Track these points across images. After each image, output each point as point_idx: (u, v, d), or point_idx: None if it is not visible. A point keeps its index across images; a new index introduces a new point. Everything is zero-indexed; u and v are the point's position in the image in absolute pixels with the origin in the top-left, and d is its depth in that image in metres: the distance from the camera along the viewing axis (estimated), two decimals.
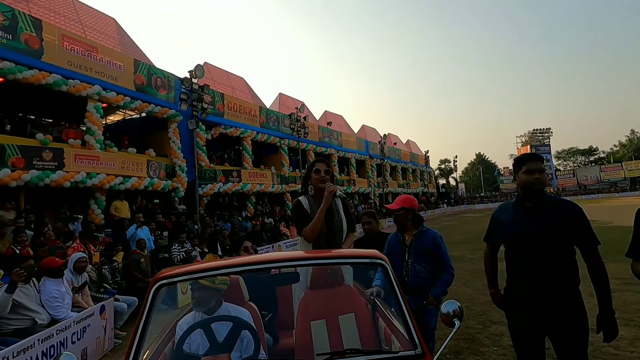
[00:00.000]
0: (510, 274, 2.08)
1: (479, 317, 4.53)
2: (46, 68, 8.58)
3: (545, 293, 1.91)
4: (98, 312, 4.52)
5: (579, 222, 1.90)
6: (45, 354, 3.51)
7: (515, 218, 2.05)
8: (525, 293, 1.98)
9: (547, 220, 1.92)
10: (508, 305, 2.14)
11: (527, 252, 1.96)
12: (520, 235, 2.00)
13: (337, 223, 2.46)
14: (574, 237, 1.90)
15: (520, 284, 2.02)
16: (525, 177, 1.97)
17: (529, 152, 2.30)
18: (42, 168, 8.25)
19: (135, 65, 11.03)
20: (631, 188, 45.66)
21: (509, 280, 2.10)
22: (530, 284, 1.96)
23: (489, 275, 2.29)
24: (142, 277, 6.41)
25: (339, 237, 2.46)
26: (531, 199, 2.00)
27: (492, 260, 2.27)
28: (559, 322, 1.88)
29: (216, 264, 1.89)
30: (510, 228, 2.07)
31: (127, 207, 9.86)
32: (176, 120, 12.27)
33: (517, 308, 2.06)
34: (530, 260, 1.95)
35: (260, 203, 16.10)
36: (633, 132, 63.36)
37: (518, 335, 2.06)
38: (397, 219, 2.68)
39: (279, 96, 21.90)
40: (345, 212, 2.53)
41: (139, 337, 1.43)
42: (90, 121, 9.61)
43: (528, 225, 1.97)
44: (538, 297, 1.93)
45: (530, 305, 1.95)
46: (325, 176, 2.46)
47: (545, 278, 1.91)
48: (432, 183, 43.01)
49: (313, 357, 1.46)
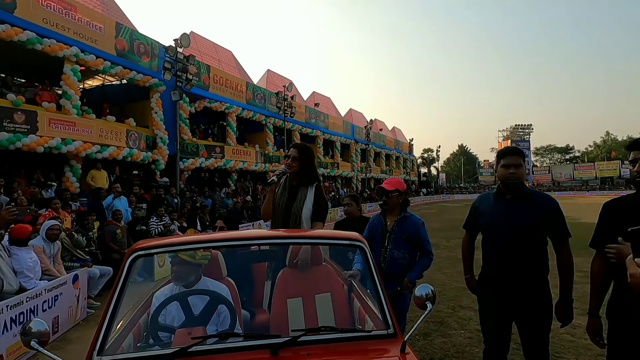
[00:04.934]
0: (486, 261, 2.16)
1: (450, 301, 4.72)
2: (19, 24, 8.05)
3: (517, 280, 2.01)
4: (71, 281, 4.45)
5: (555, 216, 1.99)
6: (15, 320, 3.44)
7: (495, 208, 2.12)
8: (497, 280, 2.08)
9: (525, 212, 2.00)
10: (481, 291, 2.24)
11: (504, 241, 2.04)
12: (498, 225, 2.08)
13: (295, 209, 2.50)
14: (548, 229, 2.00)
15: (494, 270, 2.11)
16: (502, 171, 2.06)
17: (509, 146, 2.34)
18: (13, 130, 7.86)
19: (117, 28, 10.49)
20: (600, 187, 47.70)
21: (484, 267, 2.19)
22: (504, 271, 2.05)
23: (466, 262, 2.38)
24: (118, 248, 6.31)
25: (296, 223, 2.48)
26: (508, 191, 2.07)
27: (470, 247, 2.36)
28: (527, 308, 1.99)
29: (194, 238, 1.88)
30: (489, 218, 2.14)
31: (104, 177, 9.57)
32: (159, 90, 11.85)
33: (488, 293, 2.16)
34: (506, 249, 2.03)
35: (242, 180, 15.97)
36: (608, 134, 65.81)
37: (487, 319, 2.16)
38: (390, 200, 2.60)
39: (267, 73, 21.42)
40: (315, 201, 2.54)
41: (113, 307, 1.41)
42: (67, 84, 9.17)
43: (506, 215, 2.04)
44: (510, 284, 2.02)
45: (502, 291, 2.05)
46: (291, 163, 2.54)
47: (518, 266, 2.00)
48: (414, 171, 43.66)
49: (288, 333, 1.48)
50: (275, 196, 2.62)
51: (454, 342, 3.50)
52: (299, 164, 2.55)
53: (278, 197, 2.61)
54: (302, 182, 2.58)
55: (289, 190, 2.59)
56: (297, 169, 2.55)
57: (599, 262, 1.79)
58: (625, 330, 1.62)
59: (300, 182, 2.59)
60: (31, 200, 6.83)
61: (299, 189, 2.57)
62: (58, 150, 8.71)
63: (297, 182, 2.59)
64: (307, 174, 2.59)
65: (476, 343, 3.42)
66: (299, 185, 2.58)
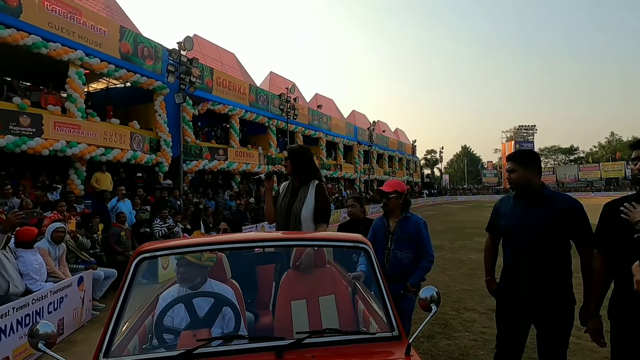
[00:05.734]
0: (507, 263, 2.12)
1: (454, 303, 4.70)
2: (25, 28, 8.14)
3: (535, 283, 1.96)
4: (76, 283, 4.47)
5: (577, 217, 1.93)
6: (20, 322, 3.46)
7: (513, 210, 2.10)
8: (515, 281, 2.04)
9: (546, 213, 1.95)
10: (499, 293, 2.20)
11: (520, 243, 2.01)
12: (514, 226, 2.05)
13: (295, 209, 2.50)
14: (570, 231, 1.93)
15: (511, 272, 2.08)
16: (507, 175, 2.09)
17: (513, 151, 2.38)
18: (18, 134, 7.94)
19: (121, 32, 10.58)
20: (605, 188, 47.32)
21: (503, 269, 2.15)
22: (520, 273, 2.01)
23: (487, 264, 2.32)
24: (123, 250, 6.34)
25: (295, 223, 2.48)
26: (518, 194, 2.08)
27: (493, 250, 2.31)
28: (547, 311, 1.94)
29: (198, 240, 1.88)
30: (508, 220, 2.12)
31: (109, 179, 9.64)
32: (162, 92, 11.91)
33: (506, 296, 2.11)
34: (522, 251, 2.00)
35: (245, 183, 16.01)
36: (613, 134, 65.39)
37: (504, 321, 2.12)
38: (390, 202, 2.61)
39: (270, 75, 21.47)
40: (317, 202, 2.51)
41: (118, 309, 1.42)
42: (72, 88, 9.24)
43: (522, 217, 2.02)
44: (527, 286, 1.98)
45: (519, 294, 2.01)
46: (285, 164, 2.63)
47: (535, 268, 1.96)
48: (417, 172, 43.56)
49: (292, 335, 1.49)
50: (279, 198, 2.65)
51: (458, 344, 3.48)
52: (291, 165, 2.60)
53: (280, 199, 2.64)
54: (303, 182, 2.60)
55: (292, 192, 2.61)
56: (291, 170, 2.61)
57: (600, 261, 1.78)
58: (628, 329, 1.60)
59: (301, 182, 2.61)
60: (36, 203, 6.89)
61: (300, 189, 2.58)
62: (63, 153, 8.77)
63: (298, 184, 2.62)
64: (302, 173, 2.60)
65: (481, 345, 3.41)
66: (301, 185, 2.60)
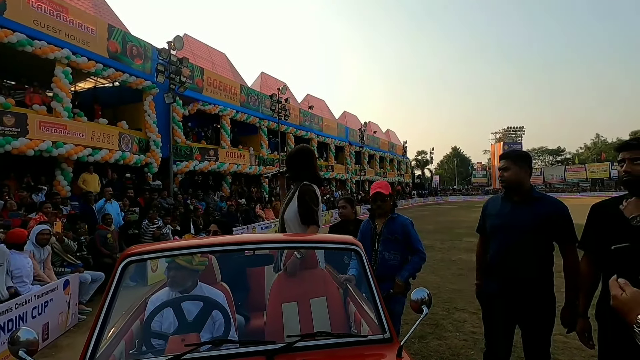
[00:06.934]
0: (491, 261, 2.14)
1: (445, 304, 4.73)
2: (9, 25, 7.93)
3: (517, 283, 1.98)
4: (61, 286, 4.37)
5: (562, 219, 1.96)
6: (3, 328, 3.37)
7: (500, 210, 2.12)
8: (498, 282, 2.06)
9: (533, 215, 1.97)
10: (484, 294, 2.21)
11: (504, 243, 2.03)
12: (503, 226, 2.07)
13: (288, 213, 2.47)
14: (555, 232, 1.96)
15: (495, 272, 2.10)
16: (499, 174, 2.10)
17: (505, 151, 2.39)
18: (2, 133, 7.73)
19: (109, 30, 10.39)
20: (591, 189, 48.28)
21: (488, 268, 2.16)
22: (503, 273, 2.03)
23: (479, 267, 2.32)
24: (109, 252, 6.23)
25: (284, 226, 2.48)
26: (508, 193, 2.10)
27: (484, 252, 2.28)
28: (530, 311, 1.97)
29: (187, 243, 1.85)
30: (495, 219, 2.14)
31: (96, 180, 9.46)
32: (152, 92, 11.74)
33: (491, 296, 2.13)
34: (506, 251, 2.02)
35: (237, 183, 15.90)
36: (598, 136, 66.87)
37: (491, 322, 2.14)
38: (385, 204, 2.57)
39: (261, 75, 21.36)
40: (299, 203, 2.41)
41: (104, 313, 1.38)
42: (58, 87, 9.04)
43: (508, 218, 2.04)
44: (510, 286, 2.00)
45: (503, 294, 2.03)
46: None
47: (518, 268, 1.98)
48: (408, 173, 43.84)
49: (283, 338, 1.47)
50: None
51: (449, 344, 3.50)
52: (287, 167, 2.66)
53: (282, 202, 2.67)
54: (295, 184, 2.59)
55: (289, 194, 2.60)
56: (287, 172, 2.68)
57: (587, 263, 1.80)
58: (615, 331, 1.63)
59: (295, 184, 2.60)
60: (21, 204, 6.72)
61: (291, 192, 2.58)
62: (49, 154, 8.58)
63: (293, 185, 2.61)
64: (293, 174, 2.59)
65: (471, 345, 3.43)
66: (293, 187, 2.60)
